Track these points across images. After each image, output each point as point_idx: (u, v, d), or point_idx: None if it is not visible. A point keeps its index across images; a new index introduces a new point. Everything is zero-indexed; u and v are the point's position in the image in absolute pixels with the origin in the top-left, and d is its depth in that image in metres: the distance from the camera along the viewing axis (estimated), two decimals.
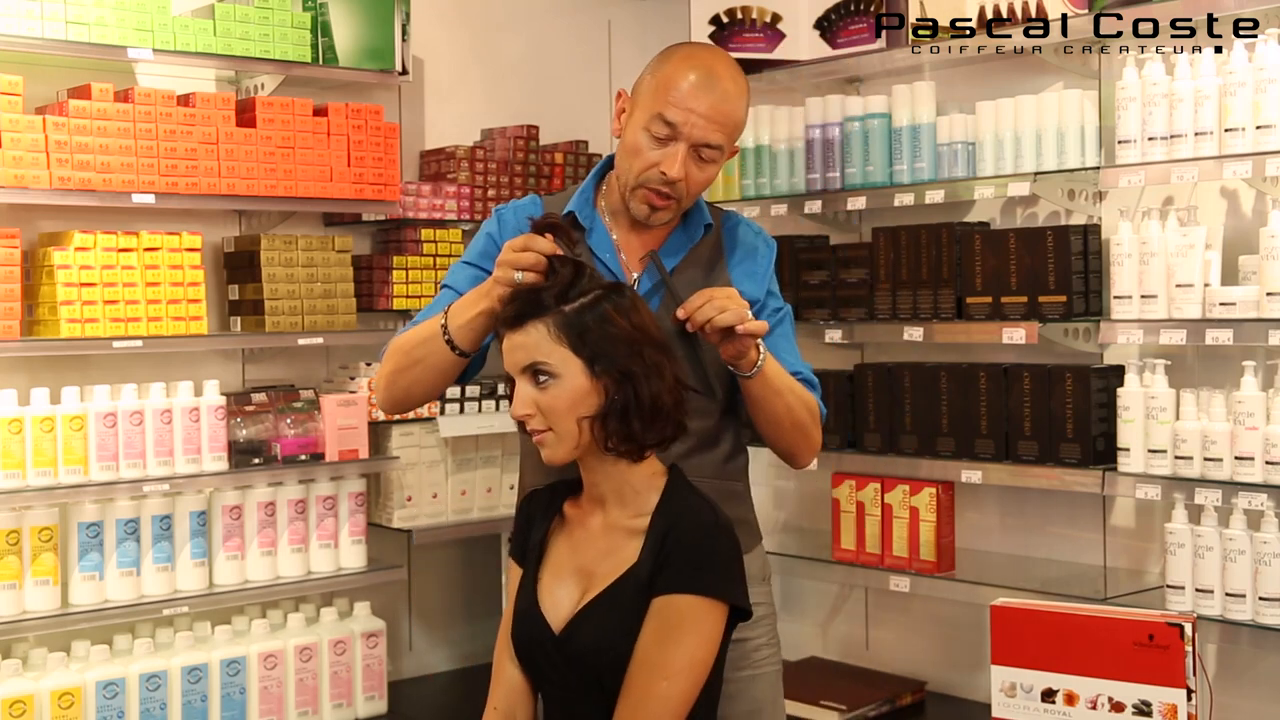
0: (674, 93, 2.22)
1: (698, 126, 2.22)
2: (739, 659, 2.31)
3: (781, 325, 2.39)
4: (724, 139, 2.25)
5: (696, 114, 2.21)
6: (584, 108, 4.69)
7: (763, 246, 2.44)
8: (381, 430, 4.00)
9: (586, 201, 2.38)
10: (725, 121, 2.24)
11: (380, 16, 3.95)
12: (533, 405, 1.99)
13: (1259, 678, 3.35)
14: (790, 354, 2.36)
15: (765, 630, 2.41)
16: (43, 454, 3.35)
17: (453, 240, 4.12)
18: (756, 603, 2.30)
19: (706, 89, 2.22)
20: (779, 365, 2.26)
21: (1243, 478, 3.08)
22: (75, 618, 3.40)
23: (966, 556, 3.80)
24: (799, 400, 2.29)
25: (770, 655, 2.41)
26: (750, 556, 2.34)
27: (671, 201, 2.27)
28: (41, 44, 3.36)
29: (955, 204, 3.79)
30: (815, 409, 2.34)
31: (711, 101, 2.22)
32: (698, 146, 2.23)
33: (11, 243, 3.38)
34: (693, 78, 2.23)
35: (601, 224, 2.36)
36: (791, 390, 2.28)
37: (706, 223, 2.37)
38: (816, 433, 2.36)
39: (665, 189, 2.25)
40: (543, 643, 2.03)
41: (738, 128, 2.29)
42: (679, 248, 2.35)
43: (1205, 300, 3.17)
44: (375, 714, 3.85)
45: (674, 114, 2.22)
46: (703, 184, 2.29)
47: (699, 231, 2.36)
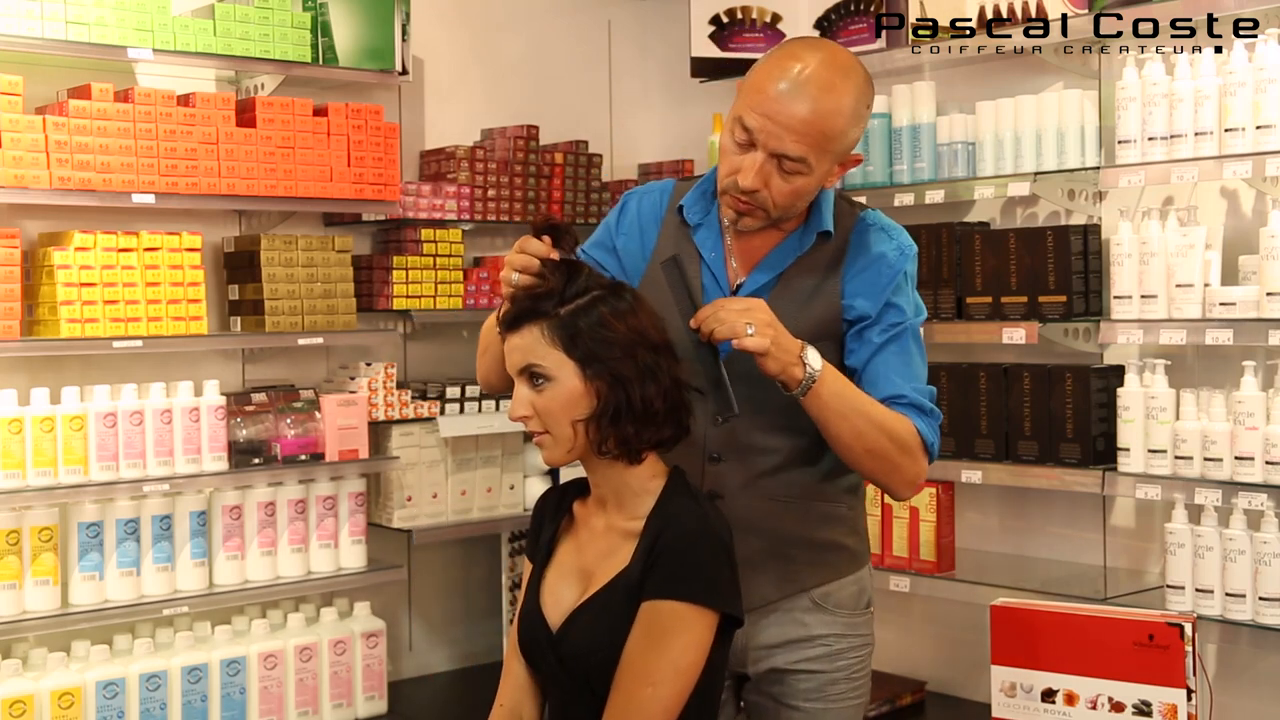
0: (757, 95, 2.06)
1: (774, 135, 2.04)
2: (812, 690, 2.22)
3: (896, 341, 2.16)
4: (807, 150, 2.05)
5: (775, 122, 2.04)
6: (584, 108, 4.69)
7: (891, 254, 2.20)
8: (381, 430, 4.00)
9: (704, 195, 2.23)
10: (808, 132, 2.03)
11: (380, 16, 3.95)
12: (529, 407, 1.99)
13: (1259, 678, 3.35)
14: (900, 373, 2.15)
15: (847, 665, 2.24)
16: (43, 454, 3.35)
17: (453, 240, 4.12)
18: (840, 634, 2.23)
19: (790, 95, 2.03)
20: (848, 388, 2.08)
21: (1243, 478, 3.08)
22: (75, 618, 3.40)
23: (966, 556, 3.80)
24: (874, 426, 2.08)
25: (848, 690, 2.24)
26: (843, 582, 2.25)
27: (756, 209, 2.11)
28: (41, 44, 3.36)
29: (955, 204, 3.79)
30: (905, 437, 2.10)
31: (792, 108, 2.03)
32: (777, 156, 2.06)
33: (11, 243, 3.38)
34: (779, 80, 2.05)
35: (716, 223, 2.21)
36: (864, 415, 2.07)
37: (822, 230, 2.18)
38: (908, 464, 2.11)
39: (744, 197, 2.10)
40: (541, 642, 2.03)
41: (829, 138, 2.06)
42: (787, 255, 2.19)
43: (1205, 300, 3.17)
44: (375, 714, 3.85)
45: (752, 120, 2.05)
46: (791, 195, 2.09)
47: (811, 238, 2.18)
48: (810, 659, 2.23)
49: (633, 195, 2.33)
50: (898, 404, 2.13)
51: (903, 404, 2.13)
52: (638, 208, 2.30)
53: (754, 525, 2.17)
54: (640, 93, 4.84)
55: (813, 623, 2.23)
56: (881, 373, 2.15)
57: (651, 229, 2.27)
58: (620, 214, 2.32)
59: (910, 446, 2.11)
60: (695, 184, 2.26)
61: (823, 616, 2.23)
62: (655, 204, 2.29)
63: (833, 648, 2.23)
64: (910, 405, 2.13)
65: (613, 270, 2.27)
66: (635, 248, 2.27)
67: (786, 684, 2.24)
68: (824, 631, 2.23)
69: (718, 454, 2.19)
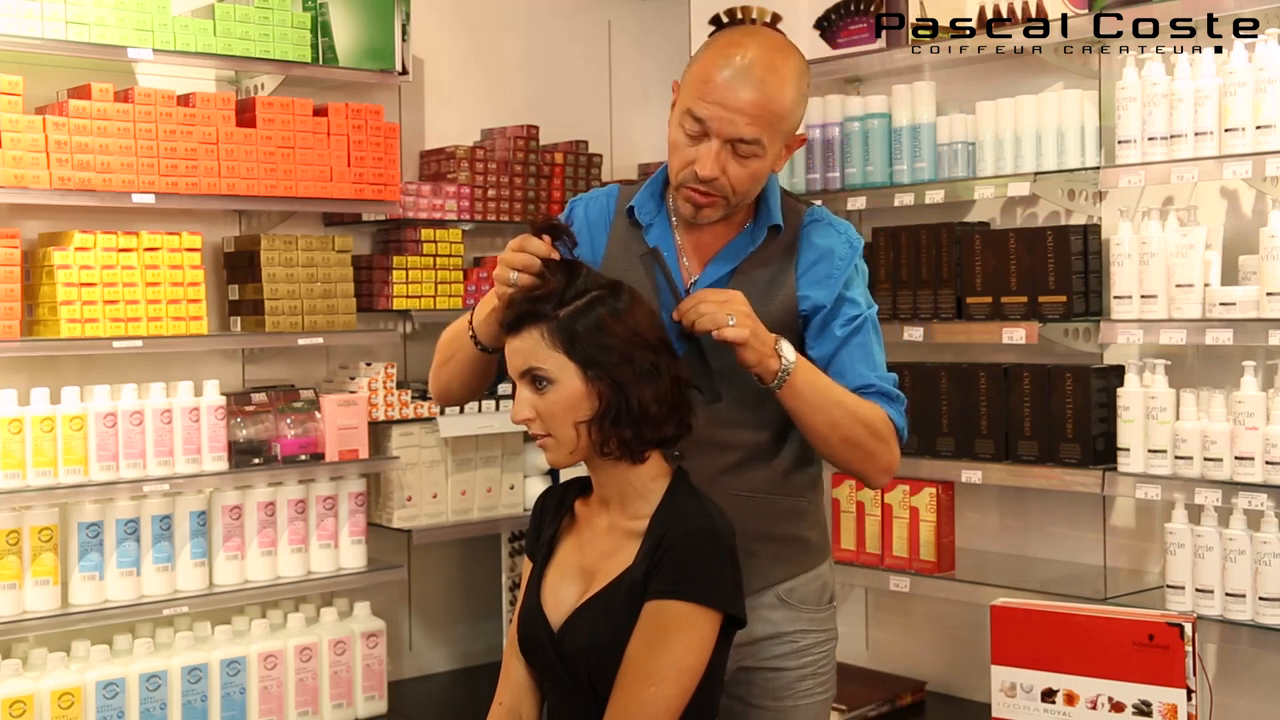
0: (703, 86, 2.10)
1: (726, 121, 2.08)
2: (781, 688, 2.23)
3: (858, 334, 2.21)
4: (760, 132, 2.09)
5: (725, 108, 2.08)
6: (584, 108, 4.69)
7: (841, 248, 2.23)
8: (381, 430, 4.01)
9: (652, 195, 2.26)
10: (759, 114, 2.08)
11: (380, 16, 3.95)
12: (532, 409, 1.99)
13: (1259, 678, 3.35)
14: (864, 363, 2.20)
15: (813, 660, 2.27)
16: (43, 454, 3.35)
17: (453, 240, 4.12)
18: (805, 629, 2.26)
19: (737, 80, 2.08)
20: (820, 378, 2.13)
21: (1243, 478, 3.08)
22: (75, 618, 3.40)
23: (966, 556, 3.80)
24: (849, 415, 2.13)
25: (814, 686, 2.27)
26: (807, 578, 2.27)
27: (716, 199, 2.14)
28: (41, 44, 3.36)
29: (955, 204, 3.79)
30: (879, 424, 2.16)
31: (741, 93, 2.08)
32: (731, 141, 2.09)
33: (11, 243, 3.38)
34: (722, 67, 2.09)
35: (666, 222, 2.25)
36: (839, 405, 2.13)
37: (773, 224, 2.22)
38: (884, 450, 2.18)
39: (703, 187, 2.12)
40: (541, 640, 2.03)
41: (779, 117, 2.11)
42: (740, 249, 2.22)
43: (1205, 300, 3.17)
44: (375, 714, 3.85)
45: (702, 109, 2.09)
46: (748, 179, 2.13)
47: (763, 233, 2.22)
48: (778, 656, 2.25)
49: (579, 201, 2.36)
50: (867, 393, 2.18)
51: (871, 393, 2.19)
52: (585, 213, 2.33)
53: None
54: (640, 93, 4.84)
55: (779, 619, 2.25)
56: (847, 364, 2.20)
57: (601, 233, 2.29)
58: (569, 218, 2.34)
59: (884, 433, 2.18)
60: (642, 186, 2.30)
61: (788, 613, 2.25)
62: (602, 208, 2.32)
63: (799, 644, 2.26)
64: (878, 393, 2.19)
65: None
66: (585, 253, 2.27)
67: (755, 683, 2.25)
68: (790, 628, 2.25)
69: (680, 453, 2.17)
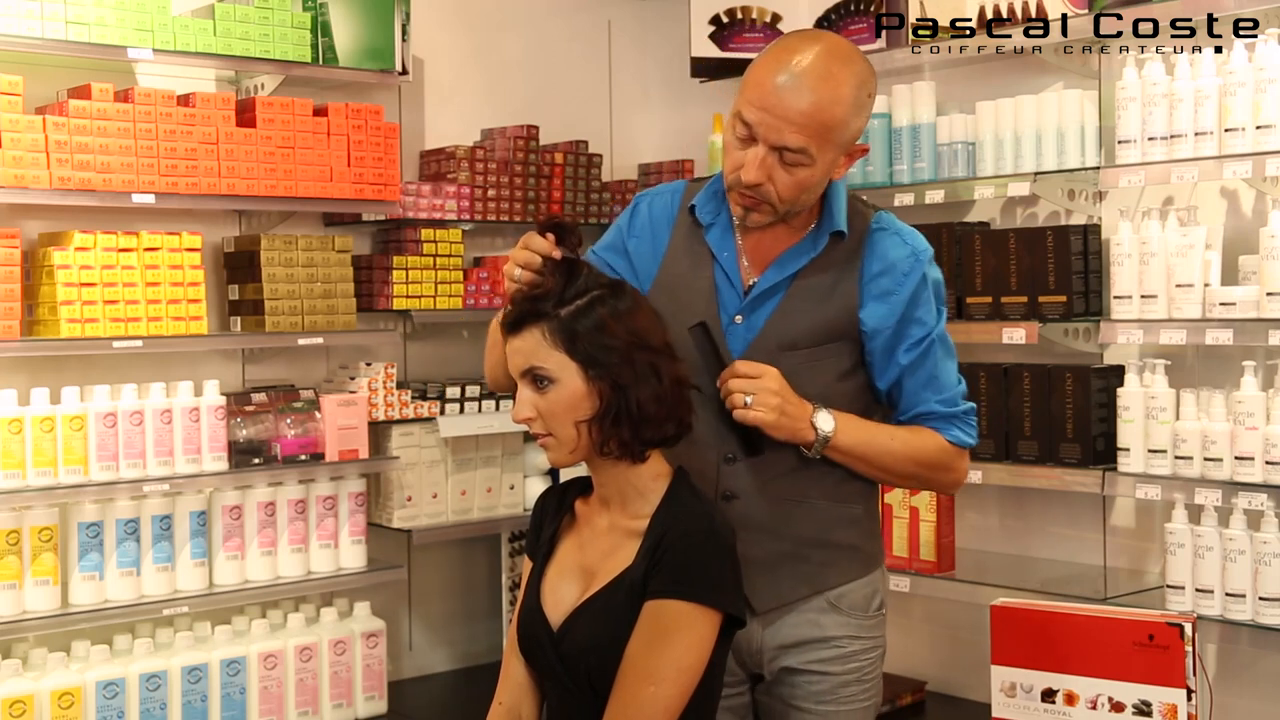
0: (756, 90, 2.06)
1: (773, 128, 2.04)
2: (824, 692, 2.22)
3: (925, 358, 2.19)
4: (807, 142, 2.04)
5: (773, 115, 2.04)
6: (584, 108, 4.69)
7: (906, 261, 2.18)
8: (381, 430, 4.00)
9: (715, 195, 2.24)
10: (806, 123, 2.03)
11: (380, 16, 3.95)
12: (533, 409, 1.99)
13: (1259, 678, 3.35)
14: (929, 388, 2.20)
15: (858, 667, 2.24)
16: (43, 454, 3.35)
17: (453, 240, 4.12)
18: (853, 635, 2.24)
19: (788, 87, 2.03)
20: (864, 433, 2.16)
21: (1243, 478, 3.08)
22: (75, 618, 3.39)
23: (966, 556, 3.80)
24: (899, 459, 2.18)
25: (858, 693, 2.24)
26: (858, 584, 2.26)
27: (762, 204, 2.11)
28: (41, 44, 3.36)
29: (955, 204, 3.79)
30: (933, 455, 2.20)
31: (791, 100, 2.03)
32: (778, 149, 2.06)
33: (11, 243, 3.38)
34: (776, 71, 2.05)
35: (728, 222, 2.22)
36: (888, 451, 2.17)
37: (835, 230, 2.18)
38: (943, 475, 2.23)
39: (749, 192, 2.10)
40: (541, 640, 2.03)
41: (829, 128, 2.05)
42: (801, 255, 2.19)
43: (1205, 300, 3.17)
44: (375, 714, 3.85)
45: (751, 114, 2.06)
46: (794, 187, 2.09)
47: (825, 239, 2.18)
48: (823, 660, 2.22)
49: (644, 197, 2.34)
50: (925, 420, 2.20)
51: (932, 419, 2.20)
52: (649, 210, 2.31)
53: (769, 527, 2.19)
54: (640, 93, 4.84)
55: (827, 624, 2.23)
56: (910, 390, 2.20)
57: (664, 230, 2.28)
58: (632, 216, 2.33)
59: (942, 462, 2.21)
60: (706, 184, 2.27)
61: (837, 618, 2.24)
62: (667, 205, 2.30)
63: (845, 649, 2.23)
64: (940, 418, 2.21)
65: (623, 272, 2.28)
66: (647, 250, 2.28)
67: (798, 685, 2.23)
68: (838, 633, 2.23)
69: (733, 455, 2.19)
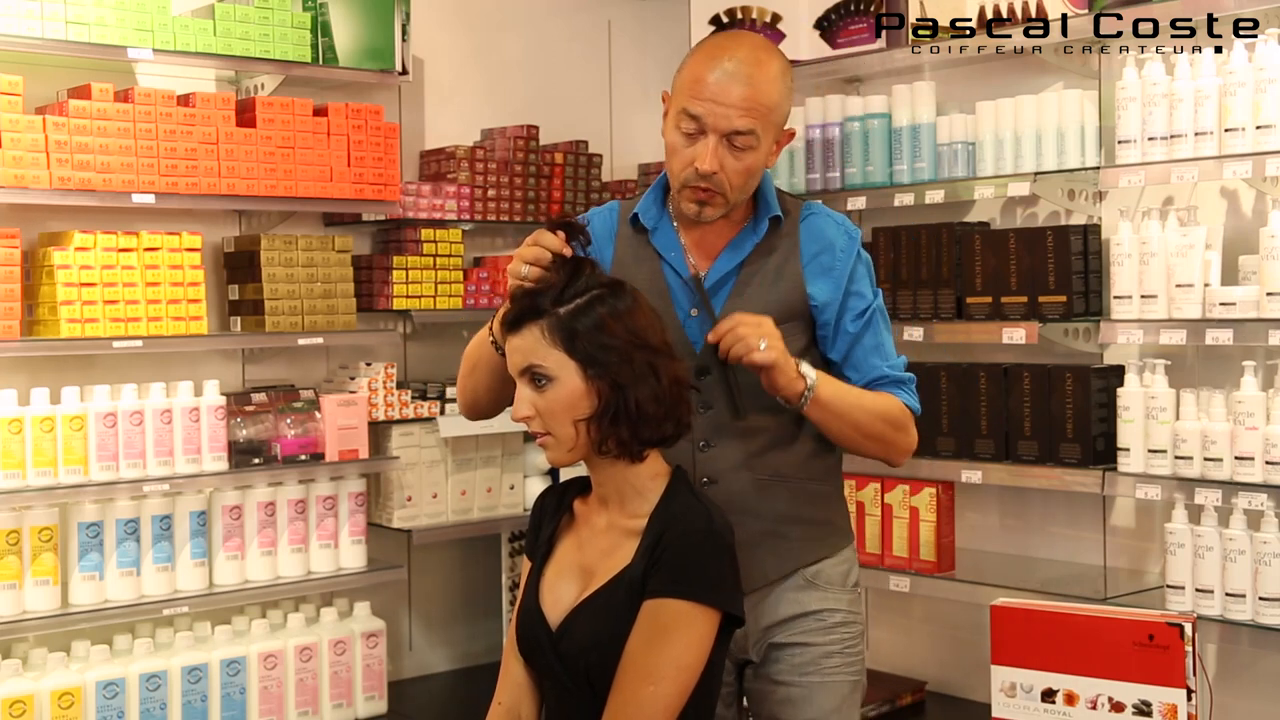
0: (695, 86, 2.20)
1: (721, 116, 2.18)
2: (807, 664, 2.29)
3: (869, 326, 2.33)
4: (753, 123, 2.20)
5: (718, 103, 2.19)
6: (584, 108, 4.69)
7: (842, 240, 2.34)
8: (381, 430, 4.00)
9: (655, 202, 2.36)
10: (751, 106, 2.19)
11: (380, 16, 3.95)
12: (531, 407, 2.00)
13: (1259, 678, 3.35)
14: (877, 355, 2.33)
15: (840, 639, 2.32)
16: (43, 454, 3.35)
17: (453, 240, 4.12)
18: (833, 609, 2.32)
19: (728, 76, 2.19)
20: (839, 387, 2.25)
21: (1243, 478, 3.08)
22: (75, 618, 3.40)
23: (966, 556, 3.80)
24: (870, 415, 2.27)
25: (841, 665, 2.32)
26: (834, 560, 2.34)
27: (716, 195, 2.23)
28: (41, 44, 3.36)
29: (955, 204, 3.79)
30: (897, 415, 2.31)
31: (732, 87, 2.18)
32: (727, 135, 2.20)
33: (11, 243, 3.38)
34: (712, 67, 2.20)
35: (669, 225, 2.34)
36: (859, 407, 2.26)
37: (773, 215, 2.32)
38: (903, 438, 2.32)
39: (704, 184, 2.22)
40: (540, 639, 2.03)
41: (769, 109, 2.22)
42: (744, 243, 2.31)
43: (1205, 300, 3.17)
44: (375, 714, 3.85)
45: (697, 107, 2.19)
46: (744, 173, 2.23)
47: (765, 225, 2.31)
48: (806, 631, 2.30)
49: (588, 215, 2.45)
50: (880, 385, 2.32)
51: (885, 383, 2.32)
52: (592, 226, 2.39)
53: (749, 507, 2.26)
54: (640, 93, 4.84)
55: (807, 600, 2.32)
56: (861, 358, 2.33)
57: (606, 245, 2.38)
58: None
59: (902, 421, 2.32)
60: (642, 197, 2.39)
61: (816, 593, 2.32)
62: (606, 221, 2.41)
63: (827, 621, 2.31)
64: (891, 382, 2.33)
65: None
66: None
67: (782, 659, 2.30)
68: (818, 606, 2.32)
69: (706, 441, 2.27)
